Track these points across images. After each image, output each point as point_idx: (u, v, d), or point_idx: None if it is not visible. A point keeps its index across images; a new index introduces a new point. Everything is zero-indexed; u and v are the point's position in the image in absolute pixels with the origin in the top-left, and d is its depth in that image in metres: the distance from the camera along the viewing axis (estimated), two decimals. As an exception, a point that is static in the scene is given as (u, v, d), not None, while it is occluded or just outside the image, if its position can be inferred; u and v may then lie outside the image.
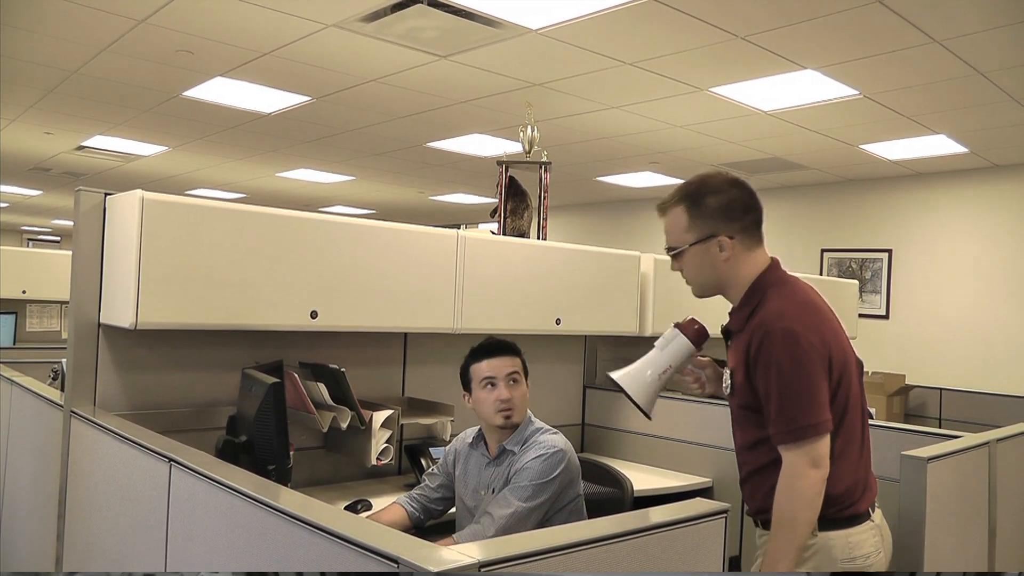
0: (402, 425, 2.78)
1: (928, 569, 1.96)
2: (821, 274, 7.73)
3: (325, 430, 2.55)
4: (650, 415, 1.96)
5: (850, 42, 4.01)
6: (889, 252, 7.45)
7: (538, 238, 3.40)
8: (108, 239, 2.27)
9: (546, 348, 3.46)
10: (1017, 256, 6.65)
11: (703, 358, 2.03)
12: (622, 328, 3.43)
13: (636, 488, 2.78)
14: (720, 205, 1.85)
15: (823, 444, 1.72)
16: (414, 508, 2.33)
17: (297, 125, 6.43)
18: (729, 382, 1.89)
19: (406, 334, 3.03)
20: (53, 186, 10.57)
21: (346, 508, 2.43)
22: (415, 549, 1.10)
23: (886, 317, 7.39)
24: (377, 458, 2.62)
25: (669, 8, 3.67)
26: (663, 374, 1.95)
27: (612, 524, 1.32)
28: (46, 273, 5.31)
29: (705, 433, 3.27)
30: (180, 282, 2.16)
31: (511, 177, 3.43)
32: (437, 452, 2.82)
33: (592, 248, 3.35)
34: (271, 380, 2.13)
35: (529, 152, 3.52)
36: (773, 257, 1.91)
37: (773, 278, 1.87)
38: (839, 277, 7.41)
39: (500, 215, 3.39)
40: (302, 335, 2.64)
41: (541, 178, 3.45)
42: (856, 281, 5.69)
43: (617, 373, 1.97)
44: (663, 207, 1.93)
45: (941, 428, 4.44)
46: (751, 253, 1.88)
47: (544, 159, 3.48)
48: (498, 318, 2.91)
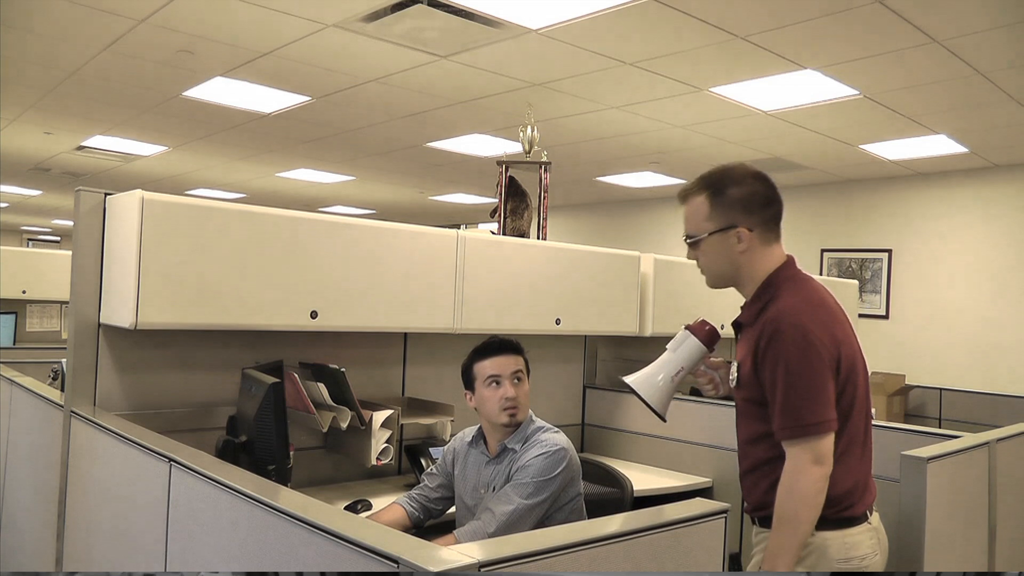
0: (402, 425, 2.78)
1: (928, 569, 1.96)
2: (821, 274, 7.72)
3: (325, 430, 2.55)
4: (664, 418, 1.96)
5: (850, 42, 4.01)
6: (889, 252, 7.45)
7: (538, 238, 3.40)
8: (108, 239, 2.27)
9: (546, 348, 3.46)
10: (1017, 256, 6.65)
11: (716, 359, 2.03)
12: (622, 328, 3.43)
13: (636, 488, 2.78)
14: (741, 197, 1.85)
15: (827, 442, 1.72)
16: (414, 508, 2.34)
17: (297, 125, 6.43)
18: (736, 375, 1.89)
19: (406, 334, 3.03)
20: (53, 186, 10.58)
21: (346, 508, 2.43)
22: (415, 549, 1.10)
23: (886, 317, 7.39)
24: (377, 458, 2.62)
25: (669, 8, 3.67)
26: (676, 376, 1.95)
27: (612, 524, 1.32)
28: (46, 273, 5.31)
29: (705, 433, 3.27)
30: (180, 282, 2.16)
31: (511, 177, 3.43)
32: (437, 452, 2.82)
33: (592, 248, 3.35)
34: (271, 380, 2.13)
35: (529, 152, 3.52)
36: (789, 255, 1.92)
37: (787, 275, 1.87)
38: (839, 277, 7.42)
39: (500, 215, 3.39)
40: (302, 335, 2.64)
41: (541, 178, 3.45)
42: (856, 281, 5.70)
43: (630, 377, 1.96)
44: (684, 195, 1.92)
45: (941, 428, 4.44)
46: (768, 248, 1.88)
47: (544, 159, 3.49)
48: (498, 318, 2.91)
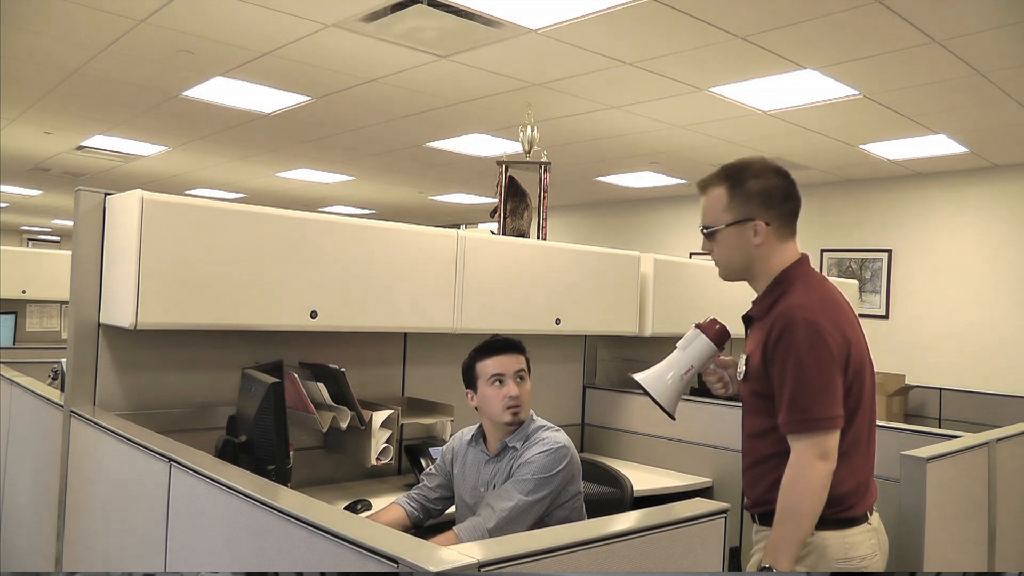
0: (402, 425, 2.79)
1: (928, 569, 1.96)
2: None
3: (325, 430, 2.55)
4: (674, 416, 1.96)
5: (850, 42, 4.01)
6: (889, 252, 7.45)
7: (538, 238, 3.40)
8: (108, 239, 2.27)
9: (546, 348, 3.46)
10: (1017, 256, 6.65)
11: (726, 358, 2.03)
12: (622, 328, 3.43)
13: (636, 488, 2.78)
14: (761, 190, 1.86)
15: (833, 438, 1.72)
16: (413, 508, 2.34)
17: (297, 125, 6.43)
18: (744, 368, 1.89)
19: (406, 334, 3.03)
20: (53, 186, 10.57)
21: (346, 508, 2.43)
22: (415, 549, 1.10)
23: (886, 317, 7.39)
24: (377, 458, 2.62)
25: (669, 8, 3.67)
26: (685, 375, 1.95)
27: (612, 524, 1.32)
28: (46, 273, 5.32)
29: (705, 433, 3.27)
30: (180, 282, 2.16)
31: (511, 177, 3.43)
32: (437, 452, 2.82)
33: (592, 248, 3.35)
34: (271, 380, 2.13)
35: (529, 152, 3.52)
36: (803, 252, 1.92)
37: (800, 272, 1.88)
38: (839, 277, 7.41)
39: (500, 215, 3.39)
40: (302, 335, 2.64)
41: (541, 178, 3.45)
42: (856, 281, 5.70)
43: (640, 375, 1.97)
44: (704, 185, 1.93)
45: (941, 428, 4.44)
46: (783, 243, 1.89)
47: (544, 159, 3.49)
48: (498, 318, 2.91)
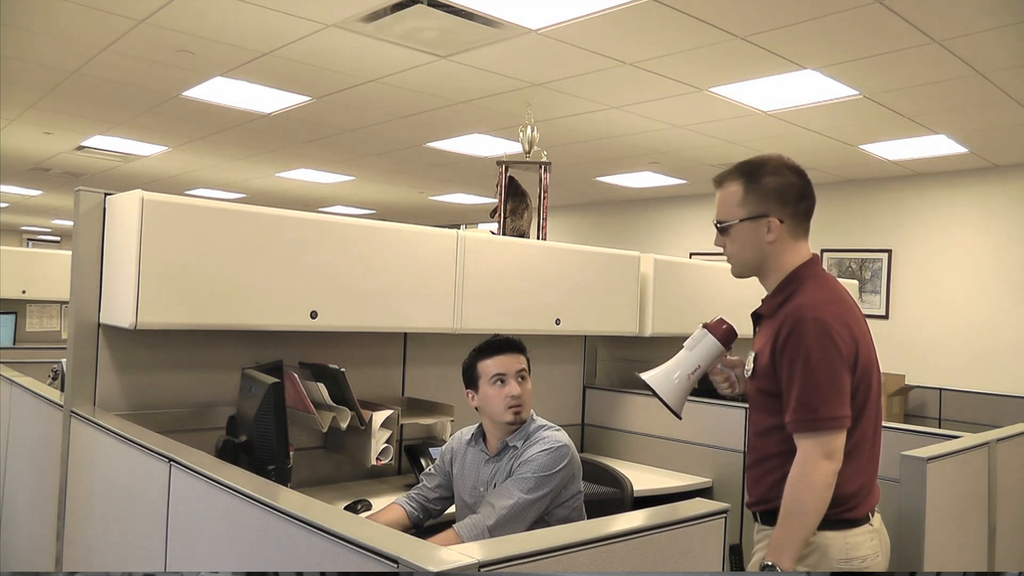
0: (402, 425, 2.79)
1: (928, 569, 1.96)
2: (821, 274, 7.71)
3: (325, 430, 2.55)
4: (680, 415, 1.96)
5: (850, 42, 4.01)
6: (889, 252, 7.45)
7: (538, 238, 3.40)
8: (108, 239, 2.27)
9: (546, 348, 3.46)
10: (1017, 256, 6.65)
11: (733, 357, 2.03)
12: (622, 328, 3.43)
13: (636, 488, 2.78)
14: (777, 186, 1.87)
15: (839, 438, 1.72)
16: (413, 508, 2.34)
17: (297, 125, 6.43)
18: (752, 365, 1.89)
19: (406, 334, 3.03)
20: (53, 186, 10.57)
21: (346, 508, 2.43)
22: (415, 549, 1.10)
23: (886, 317, 7.39)
24: (377, 458, 2.62)
25: (669, 8, 3.67)
26: (692, 374, 1.95)
27: (612, 524, 1.32)
28: (46, 273, 5.32)
29: (705, 433, 3.27)
30: (180, 282, 2.16)
31: (511, 177, 3.43)
32: (437, 452, 2.82)
33: (592, 248, 3.35)
34: (271, 380, 2.13)
35: (529, 152, 3.52)
36: (814, 253, 1.93)
37: (811, 272, 1.89)
38: (839, 277, 7.40)
39: (500, 215, 3.39)
40: (302, 335, 2.64)
41: (541, 178, 3.45)
42: (856, 281, 5.70)
43: (647, 374, 1.97)
44: (720, 180, 1.94)
45: (941, 428, 4.44)
46: (796, 242, 1.89)
47: (544, 159, 3.49)
48: (498, 318, 2.91)
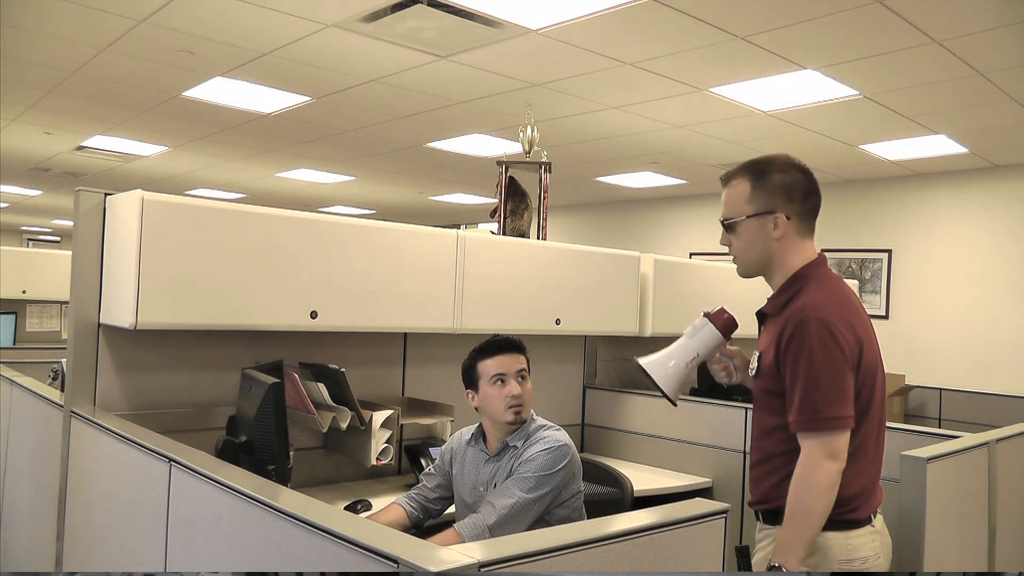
0: (402, 425, 2.79)
1: (928, 569, 1.96)
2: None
3: (325, 430, 2.55)
4: (675, 402, 1.96)
5: (850, 42, 4.01)
6: (889, 252, 7.45)
7: (538, 238, 3.40)
8: (108, 239, 2.27)
9: (546, 348, 3.46)
10: (1017, 256, 6.65)
11: (732, 348, 2.03)
12: (622, 328, 3.43)
13: (636, 488, 2.78)
14: (784, 184, 1.87)
15: (843, 438, 1.72)
16: (413, 508, 2.34)
17: (297, 125, 6.43)
18: (756, 364, 1.89)
19: (406, 334, 3.03)
20: (53, 186, 10.57)
21: (346, 508, 2.43)
22: (415, 549, 1.10)
23: (886, 317, 7.39)
24: (377, 458, 2.62)
25: (669, 8, 3.67)
26: (690, 362, 1.95)
27: (612, 524, 1.32)
28: (46, 273, 5.32)
29: (705, 433, 3.27)
30: (180, 282, 2.16)
31: (511, 177, 3.43)
32: (437, 452, 2.82)
33: (592, 248, 3.35)
34: (271, 380, 2.13)
35: (529, 152, 3.52)
36: (821, 253, 1.93)
37: (817, 272, 1.89)
38: (839, 277, 7.41)
39: (500, 215, 3.39)
40: (302, 335, 2.64)
41: (541, 178, 3.45)
42: (856, 281, 5.70)
43: (644, 359, 1.97)
44: (727, 178, 1.94)
45: (941, 428, 4.44)
46: (802, 241, 1.90)
47: (544, 159, 3.49)
48: (498, 318, 2.91)
